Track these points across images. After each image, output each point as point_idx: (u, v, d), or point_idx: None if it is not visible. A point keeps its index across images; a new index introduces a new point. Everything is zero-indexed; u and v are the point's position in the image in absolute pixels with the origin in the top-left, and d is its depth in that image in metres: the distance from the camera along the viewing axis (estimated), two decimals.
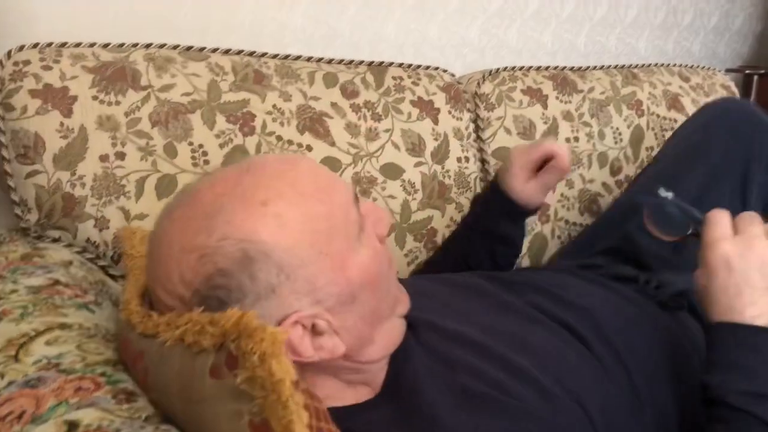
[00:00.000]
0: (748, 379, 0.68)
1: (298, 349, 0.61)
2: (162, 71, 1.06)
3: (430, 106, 1.30)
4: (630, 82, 1.58)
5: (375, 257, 0.67)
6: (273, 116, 1.12)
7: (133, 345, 0.64)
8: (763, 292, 0.70)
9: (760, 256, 0.70)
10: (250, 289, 0.59)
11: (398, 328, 0.73)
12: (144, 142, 1.01)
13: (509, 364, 0.72)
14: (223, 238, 0.59)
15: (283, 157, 0.68)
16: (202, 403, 0.54)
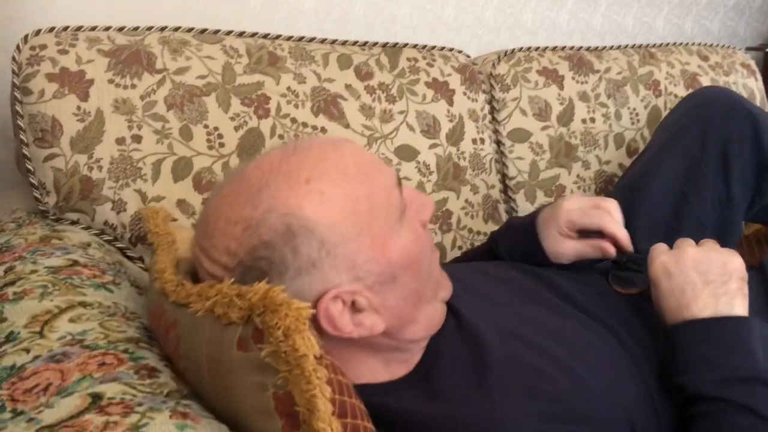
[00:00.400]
0: (715, 368, 0.69)
1: (337, 324, 0.63)
2: (177, 54, 1.06)
3: (445, 87, 1.29)
4: (647, 61, 1.56)
5: (416, 241, 0.68)
6: (287, 98, 1.12)
7: (167, 314, 0.65)
8: (703, 287, 0.74)
9: (692, 257, 0.76)
10: (292, 263, 0.61)
11: (440, 312, 0.74)
12: (160, 125, 1.02)
13: (545, 352, 0.72)
14: (268, 211, 0.62)
15: (328, 139, 0.69)
16: (229, 374, 0.56)
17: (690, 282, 0.75)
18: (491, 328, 0.74)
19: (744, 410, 0.67)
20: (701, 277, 0.75)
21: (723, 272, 0.75)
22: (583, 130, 1.42)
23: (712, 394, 0.68)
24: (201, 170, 1.04)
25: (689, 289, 0.74)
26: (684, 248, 0.77)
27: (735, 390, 0.68)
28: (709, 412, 0.69)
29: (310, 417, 0.51)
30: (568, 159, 1.40)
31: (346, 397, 0.56)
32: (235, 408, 0.57)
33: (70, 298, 0.71)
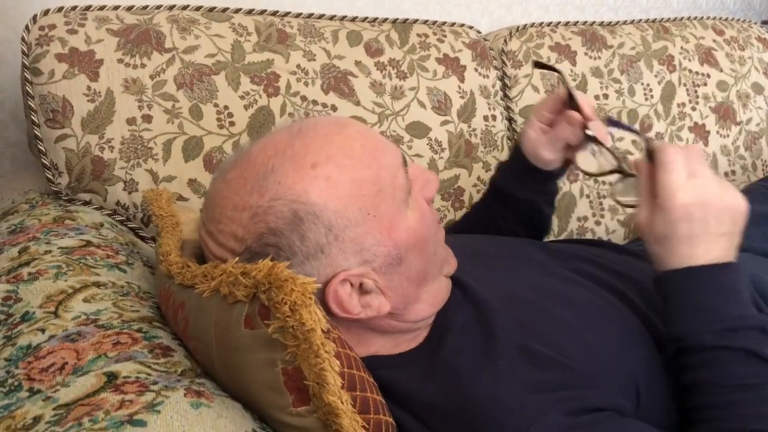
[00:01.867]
0: (720, 318, 0.67)
1: (346, 306, 0.64)
2: (186, 33, 1.06)
3: (456, 63, 1.28)
4: (661, 36, 1.54)
5: (422, 220, 0.68)
6: (297, 76, 1.11)
7: (174, 296, 0.66)
8: (718, 238, 0.68)
9: (717, 204, 0.68)
10: (300, 249, 0.62)
11: (444, 288, 0.74)
12: (170, 105, 1.02)
13: (556, 318, 0.72)
14: (274, 198, 0.62)
15: (333, 120, 0.68)
16: (238, 352, 0.56)
17: (709, 232, 0.68)
18: (498, 297, 0.74)
19: (749, 355, 0.65)
20: (719, 227, 0.68)
21: (736, 220, 0.69)
22: (597, 106, 1.40)
23: (717, 343, 0.66)
24: (211, 149, 1.04)
25: (705, 239, 0.68)
26: (708, 187, 0.68)
27: (738, 337, 0.66)
28: (711, 362, 0.67)
29: (320, 390, 0.51)
30: None
31: (355, 371, 0.56)
32: (245, 385, 0.57)
33: (84, 278, 0.72)
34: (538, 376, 0.64)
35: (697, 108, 1.53)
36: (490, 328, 0.69)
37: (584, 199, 1.37)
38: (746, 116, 1.59)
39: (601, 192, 1.38)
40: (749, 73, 1.61)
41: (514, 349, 0.67)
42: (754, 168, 1.60)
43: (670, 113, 1.49)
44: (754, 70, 1.62)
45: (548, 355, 0.66)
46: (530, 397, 0.62)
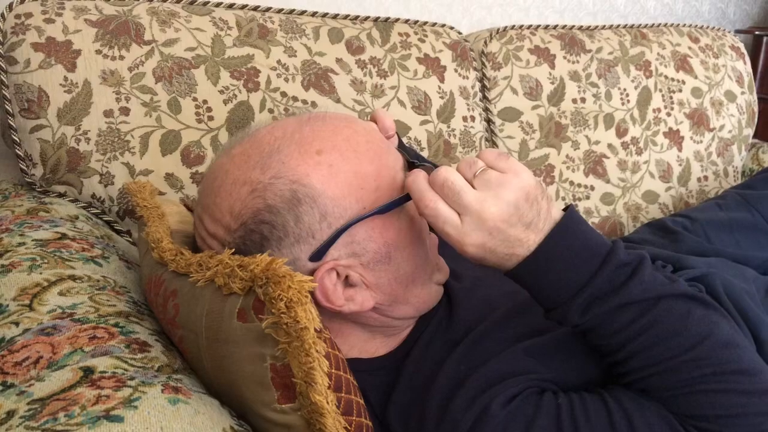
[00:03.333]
0: (574, 295, 0.61)
1: (330, 297, 0.64)
2: (165, 25, 1.04)
3: (436, 63, 1.29)
4: (639, 42, 1.56)
5: (414, 224, 0.69)
6: (278, 72, 1.11)
7: (167, 283, 0.66)
8: (524, 230, 0.60)
9: (497, 214, 0.60)
10: (293, 230, 0.62)
11: (434, 295, 0.74)
12: (148, 98, 1.00)
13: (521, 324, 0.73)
14: (276, 176, 0.62)
15: (342, 115, 0.70)
16: (228, 344, 0.56)
17: (510, 236, 0.60)
18: (474, 303, 0.75)
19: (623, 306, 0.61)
20: (519, 224, 0.60)
21: (530, 203, 0.60)
22: (574, 109, 1.42)
23: (583, 319, 0.62)
24: (189, 144, 1.03)
25: (511, 242, 0.61)
26: (478, 202, 0.59)
27: (604, 305, 0.61)
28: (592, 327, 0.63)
29: (307, 389, 0.51)
30: (557, 139, 1.40)
31: (342, 372, 0.56)
32: (230, 377, 0.57)
33: (60, 271, 0.70)
34: (488, 367, 0.66)
35: (672, 114, 1.55)
36: (457, 339, 0.70)
37: (560, 201, 1.38)
38: (719, 123, 1.62)
39: (576, 194, 1.40)
40: (723, 81, 1.64)
41: (472, 353, 0.68)
42: (725, 174, 1.63)
43: (646, 118, 1.51)
44: (727, 78, 1.65)
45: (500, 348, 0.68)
46: (476, 397, 0.63)
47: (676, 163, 1.54)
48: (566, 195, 1.39)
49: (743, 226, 1.15)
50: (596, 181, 1.42)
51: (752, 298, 0.94)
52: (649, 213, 1.48)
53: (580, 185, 1.41)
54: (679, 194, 1.53)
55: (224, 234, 0.64)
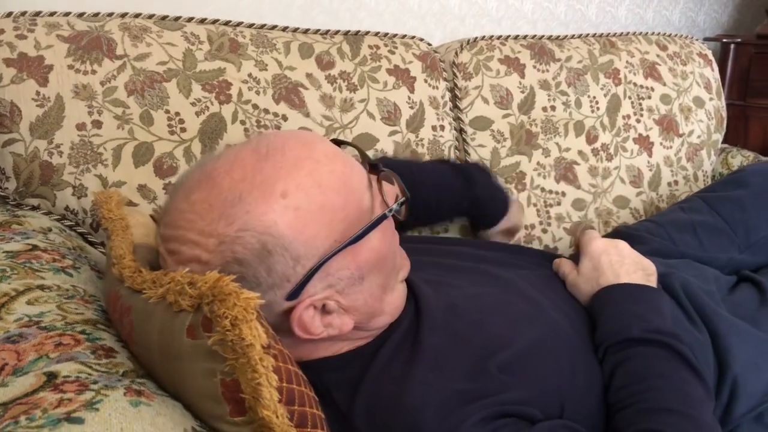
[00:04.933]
0: (647, 321, 0.79)
1: (309, 329, 0.65)
2: (137, 40, 1.06)
3: (406, 74, 1.31)
4: (608, 50, 1.60)
5: (384, 238, 0.69)
6: (249, 85, 1.13)
7: (122, 299, 0.66)
8: (635, 269, 0.87)
9: (629, 251, 0.90)
10: (265, 280, 0.62)
11: (401, 294, 0.76)
12: (120, 111, 1.02)
13: (491, 331, 0.75)
14: (243, 229, 0.61)
15: (300, 141, 0.67)
16: (180, 360, 0.57)
17: (625, 261, 0.88)
18: (440, 305, 0.77)
19: (668, 351, 0.76)
20: (635, 264, 0.88)
21: (647, 270, 0.88)
22: (544, 117, 1.45)
23: (644, 336, 0.76)
24: (162, 155, 1.05)
25: (624, 265, 0.87)
26: (617, 240, 0.91)
27: (659, 336, 0.76)
28: (635, 354, 0.76)
29: (255, 404, 0.52)
30: (528, 146, 1.42)
31: (295, 385, 0.57)
32: (184, 393, 0.58)
33: (29, 282, 0.72)
34: (461, 386, 0.67)
35: (641, 120, 1.58)
36: (425, 338, 0.72)
37: (531, 207, 1.41)
38: (688, 128, 1.66)
39: (548, 201, 1.43)
40: (691, 87, 1.68)
41: (444, 359, 0.70)
42: (695, 178, 1.67)
43: (616, 125, 1.54)
44: (695, 85, 1.69)
45: (471, 365, 0.69)
46: (452, 410, 0.65)
47: (647, 168, 1.57)
48: (537, 201, 1.41)
49: (706, 228, 1.18)
50: (567, 187, 1.45)
51: (711, 296, 0.98)
52: (620, 218, 1.51)
53: (552, 191, 1.43)
54: (650, 199, 1.57)
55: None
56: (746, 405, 0.86)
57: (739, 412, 0.86)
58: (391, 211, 0.69)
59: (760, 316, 0.94)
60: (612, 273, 0.86)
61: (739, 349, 0.88)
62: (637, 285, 0.84)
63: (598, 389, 0.77)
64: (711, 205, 1.20)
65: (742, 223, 1.16)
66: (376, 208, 0.69)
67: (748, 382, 0.87)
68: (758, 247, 1.16)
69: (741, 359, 0.87)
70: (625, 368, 0.76)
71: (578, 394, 0.75)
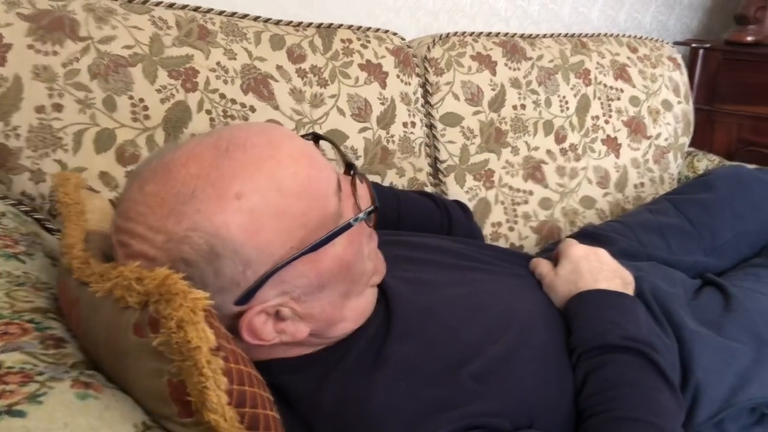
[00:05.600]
0: (623, 329, 0.78)
1: (259, 334, 0.62)
2: (102, 23, 1.04)
3: (378, 69, 1.30)
4: (579, 51, 1.60)
5: (350, 246, 0.66)
6: (217, 74, 1.11)
7: (71, 291, 0.64)
8: (614, 277, 0.86)
9: (609, 259, 0.90)
10: (213, 282, 0.59)
11: (370, 300, 0.73)
12: (83, 95, 1.00)
13: (463, 339, 0.73)
14: (192, 228, 0.58)
15: (265, 138, 0.62)
16: (126, 357, 0.56)
17: (604, 268, 0.87)
18: (412, 310, 0.74)
19: (643, 360, 0.75)
20: (614, 273, 0.88)
21: (625, 280, 0.88)
22: (514, 116, 1.45)
23: (620, 343, 0.76)
24: (125, 143, 1.02)
25: (603, 271, 0.86)
26: (597, 248, 0.91)
27: (634, 344, 0.76)
28: (610, 361, 0.75)
29: (201, 407, 0.51)
30: (497, 144, 1.43)
31: (247, 387, 0.55)
32: (132, 390, 0.57)
33: None
34: (431, 394, 0.65)
35: (610, 121, 1.60)
36: (395, 344, 0.69)
37: (499, 205, 1.41)
38: (656, 131, 1.67)
39: (515, 199, 1.43)
40: (660, 90, 1.70)
41: (414, 366, 0.68)
42: (661, 181, 1.69)
43: (585, 125, 1.55)
44: (664, 88, 1.71)
45: (442, 372, 0.67)
46: (419, 422, 0.62)
47: (614, 169, 1.58)
48: (505, 199, 1.42)
49: (673, 230, 1.19)
50: (535, 186, 1.45)
51: (677, 299, 0.98)
52: (586, 218, 1.52)
53: (519, 190, 1.44)
54: (616, 200, 1.58)
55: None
56: (708, 411, 0.86)
57: (701, 418, 0.86)
58: (357, 219, 0.65)
59: (724, 321, 0.95)
60: (591, 278, 0.85)
61: (703, 354, 0.89)
62: (615, 292, 0.84)
63: (570, 395, 0.76)
64: (678, 207, 1.21)
65: (708, 227, 1.18)
66: (346, 213, 0.66)
67: (710, 387, 0.87)
68: (723, 251, 1.18)
69: (704, 365, 0.88)
70: (598, 374, 0.75)
71: (550, 402, 0.74)
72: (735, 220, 1.20)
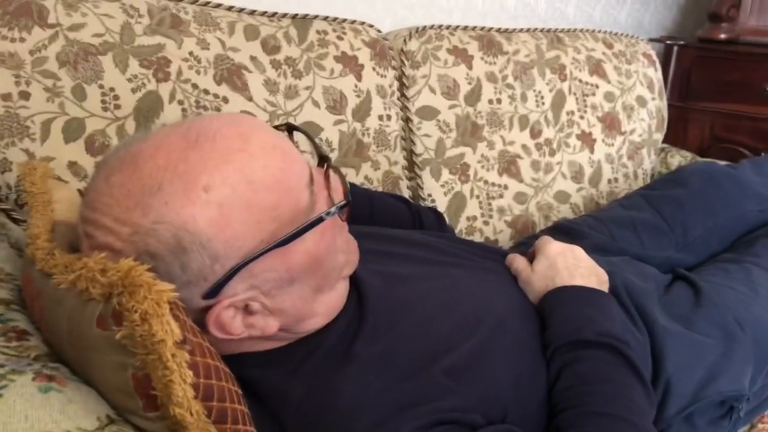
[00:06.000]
0: (599, 325, 0.79)
1: (227, 329, 0.61)
2: (71, 9, 1.02)
3: (354, 62, 1.29)
4: (555, 46, 1.61)
5: (322, 240, 0.65)
6: (189, 63, 1.09)
7: (34, 282, 0.63)
8: (590, 275, 0.87)
9: (585, 257, 0.91)
10: (179, 276, 0.58)
11: (341, 293, 0.72)
12: (51, 83, 0.98)
13: (437, 333, 0.73)
14: (158, 221, 0.56)
15: (235, 130, 0.61)
16: (90, 350, 0.54)
17: (581, 265, 0.88)
18: (385, 305, 0.74)
19: (618, 357, 0.76)
20: (590, 270, 0.88)
21: (600, 278, 0.89)
22: (490, 110, 1.45)
23: (595, 339, 0.76)
24: (94, 132, 1.00)
25: (580, 268, 0.87)
26: (574, 246, 0.92)
27: (609, 340, 0.77)
28: (585, 357, 0.76)
29: (166, 401, 0.50)
30: (473, 138, 1.43)
31: (214, 381, 0.54)
32: (96, 384, 0.56)
33: None
34: (402, 388, 0.65)
35: (585, 117, 1.61)
36: (366, 338, 0.69)
37: (474, 199, 1.41)
38: (630, 127, 1.69)
39: (490, 193, 1.43)
40: (634, 86, 1.71)
41: (386, 361, 0.67)
42: (635, 176, 1.70)
43: (560, 120, 1.56)
44: (639, 84, 1.72)
45: (415, 367, 0.67)
46: (388, 417, 0.62)
47: (588, 164, 1.59)
48: (480, 194, 1.42)
49: (646, 225, 1.21)
50: (510, 180, 1.46)
51: (649, 294, 0.99)
52: (560, 212, 1.53)
53: (494, 184, 1.44)
54: (590, 195, 1.59)
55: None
56: (678, 405, 0.87)
57: (671, 411, 0.87)
58: (329, 213, 0.64)
59: (694, 316, 0.96)
60: (568, 274, 0.86)
61: (673, 350, 0.90)
62: (591, 289, 0.85)
63: (543, 389, 0.76)
64: (651, 203, 1.23)
65: (680, 222, 1.19)
66: (319, 206, 0.65)
67: (680, 382, 0.88)
68: (694, 246, 1.19)
69: (674, 360, 0.89)
70: (573, 369, 0.75)
71: (523, 396, 0.74)
72: (706, 216, 1.21)
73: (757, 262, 1.12)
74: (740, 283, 1.05)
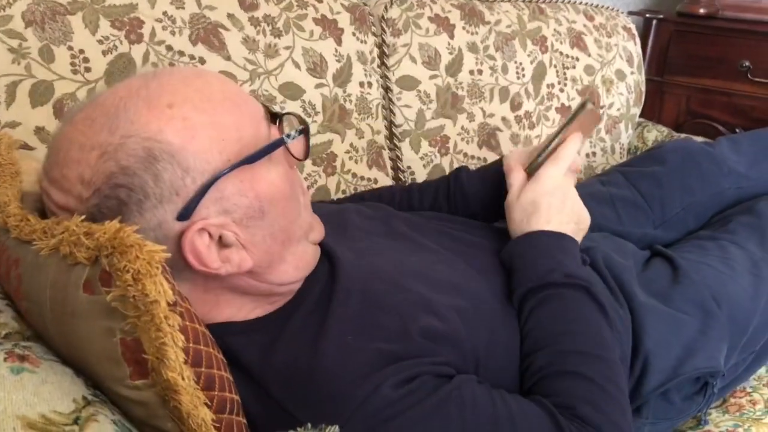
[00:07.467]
0: (568, 268, 0.81)
1: (204, 259, 0.61)
2: None
3: (333, 25, 1.26)
4: (537, 17, 1.58)
5: (285, 177, 0.67)
6: (163, 24, 1.05)
7: (9, 251, 0.61)
8: (568, 222, 0.87)
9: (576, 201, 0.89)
10: (153, 190, 0.58)
11: (311, 253, 0.74)
12: (16, 43, 0.93)
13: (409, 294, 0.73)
14: (126, 135, 0.58)
15: (191, 68, 0.68)
16: (74, 318, 0.53)
17: (564, 210, 0.87)
18: (359, 273, 0.75)
19: (586, 296, 0.79)
20: (571, 217, 0.88)
21: (580, 223, 0.89)
22: (470, 81, 1.43)
23: (562, 280, 0.79)
24: (63, 96, 0.96)
25: (561, 214, 0.87)
26: (573, 190, 0.89)
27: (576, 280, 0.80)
28: (555, 296, 0.78)
29: (159, 365, 0.49)
30: (453, 110, 1.40)
31: (202, 346, 0.54)
32: (80, 353, 0.54)
33: None
34: (381, 346, 0.66)
35: (564, 90, 1.59)
36: (342, 301, 0.70)
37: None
38: (609, 101, 1.68)
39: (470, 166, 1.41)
40: (614, 60, 1.70)
41: (363, 321, 0.68)
42: (612, 150, 1.70)
43: (540, 93, 1.54)
44: (618, 58, 1.71)
45: (392, 328, 0.68)
46: (370, 373, 0.63)
47: None
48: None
49: (624, 202, 1.21)
50: (489, 153, 1.44)
51: (628, 271, 0.99)
52: None
53: (474, 157, 1.43)
54: None
55: (76, 204, 0.59)
56: (655, 381, 0.88)
57: (649, 388, 0.88)
58: (289, 137, 0.67)
59: (672, 292, 0.96)
60: (545, 217, 0.86)
61: (652, 325, 0.90)
62: (562, 234, 0.85)
63: (515, 348, 0.78)
64: (629, 179, 1.22)
65: (658, 199, 1.19)
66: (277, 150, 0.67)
67: (659, 358, 0.89)
68: (671, 224, 1.20)
69: (653, 336, 0.90)
70: (542, 310, 0.78)
71: (497, 351, 0.75)
72: (684, 194, 1.21)
73: (733, 239, 1.12)
74: (717, 260, 1.06)
